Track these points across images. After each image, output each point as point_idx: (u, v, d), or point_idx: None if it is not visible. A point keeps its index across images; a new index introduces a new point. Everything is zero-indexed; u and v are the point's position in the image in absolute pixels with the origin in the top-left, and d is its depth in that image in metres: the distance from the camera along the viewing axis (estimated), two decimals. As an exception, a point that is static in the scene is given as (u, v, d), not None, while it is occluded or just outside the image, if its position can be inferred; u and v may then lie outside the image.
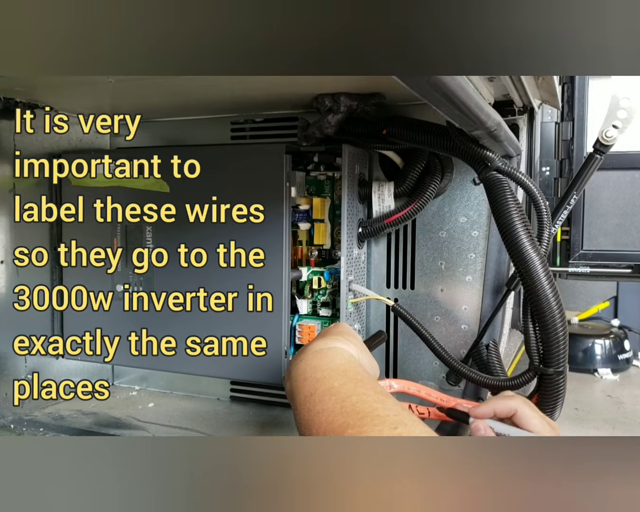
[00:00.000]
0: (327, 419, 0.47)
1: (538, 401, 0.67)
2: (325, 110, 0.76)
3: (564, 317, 0.63)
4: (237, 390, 0.97)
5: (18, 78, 0.71)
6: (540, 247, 0.67)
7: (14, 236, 0.87)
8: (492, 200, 0.65)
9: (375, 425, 0.44)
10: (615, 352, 1.15)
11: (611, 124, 0.72)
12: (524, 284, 0.63)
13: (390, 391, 0.66)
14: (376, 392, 0.49)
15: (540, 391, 0.66)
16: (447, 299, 0.84)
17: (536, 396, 0.67)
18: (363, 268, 0.85)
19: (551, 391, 0.66)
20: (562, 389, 0.66)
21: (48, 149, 0.91)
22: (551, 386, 0.65)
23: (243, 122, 0.94)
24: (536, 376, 0.67)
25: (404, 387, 0.67)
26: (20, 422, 0.86)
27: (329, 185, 0.83)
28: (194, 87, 0.75)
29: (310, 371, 0.54)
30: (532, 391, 0.68)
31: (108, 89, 0.75)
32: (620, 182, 0.99)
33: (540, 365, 0.65)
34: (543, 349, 0.65)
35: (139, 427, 0.86)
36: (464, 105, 0.49)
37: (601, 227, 1.01)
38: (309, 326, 0.82)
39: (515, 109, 0.80)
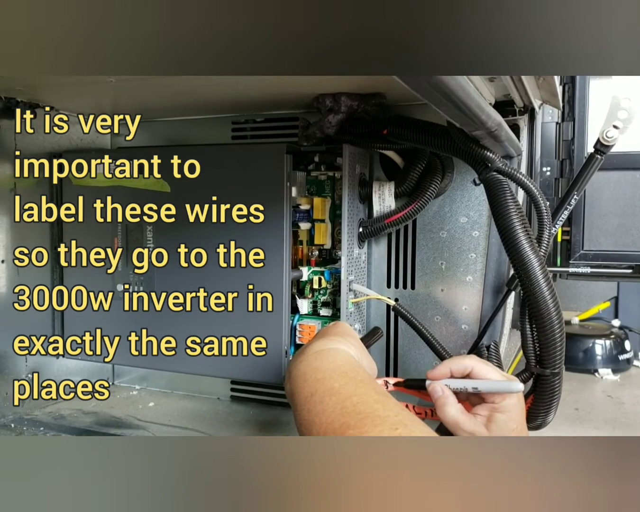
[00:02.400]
0: (327, 420, 0.47)
1: (533, 401, 0.67)
2: (326, 110, 0.76)
3: (561, 318, 0.63)
4: (238, 390, 0.97)
5: (19, 78, 0.71)
6: (540, 248, 0.67)
7: (14, 236, 0.87)
8: (492, 201, 0.65)
9: (375, 426, 0.44)
10: (615, 352, 1.15)
11: (612, 124, 0.72)
12: (522, 285, 0.63)
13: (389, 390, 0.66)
14: (377, 393, 0.49)
15: (536, 392, 0.66)
16: (448, 299, 0.84)
17: (532, 397, 0.67)
18: (363, 268, 0.85)
19: (547, 392, 0.65)
20: (558, 391, 0.66)
21: (49, 149, 0.91)
22: (547, 387, 0.65)
23: (244, 122, 0.94)
24: (532, 376, 0.67)
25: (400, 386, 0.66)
26: (21, 422, 0.86)
27: (329, 185, 0.83)
28: (194, 86, 0.75)
29: (311, 372, 0.54)
30: (527, 391, 0.68)
31: (109, 89, 0.75)
32: (621, 182, 0.99)
33: (536, 366, 0.65)
34: (540, 350, 0.65)
35: (139, 426, 0.86)
36: (464, 105, 0.49)
37: (602, 227, 1.01)
38: (309, 325, 0.81)
39: (516, 109, 0.80)
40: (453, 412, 0.57)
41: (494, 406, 0.58)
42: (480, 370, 0.59)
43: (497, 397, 0.58)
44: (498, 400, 0.58)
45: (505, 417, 0.57)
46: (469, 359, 0.60)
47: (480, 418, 0.58)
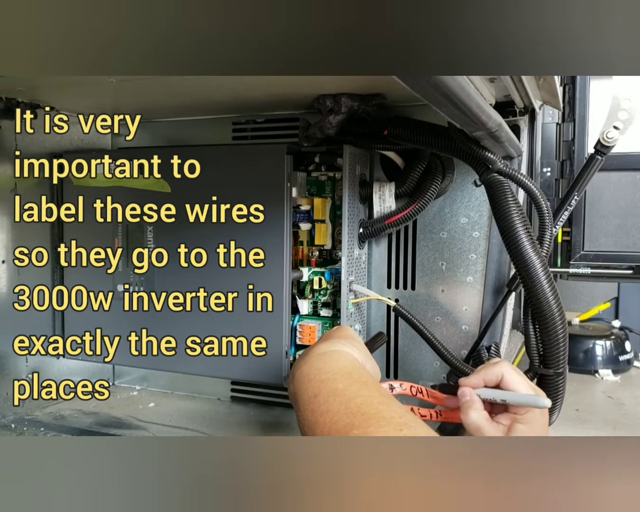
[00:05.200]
0: (331, 420, 0.47)
1: None
2: (326, 111, 0.77)
3: (564, 318, 0.63)
4: (238, 390, 0.97)
5: (19, 78, 0.71)
6: (542, 248, 0.67)
7: (14, 236, 0.87)
8: (493, 203, 0.65)
9: (380, 426, 0.44)
10: (616, 353, 1.15)
11: (612, 125, 0.72)
12: (525, 285, 0.63)
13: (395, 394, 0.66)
14: (380, 394, 0.49)
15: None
16: (448, 299, 0.84)
17: None
18: (364, 268, 0.85)
19: (551, 392, 0.66)
20: (562, 390, 0.66)
21: (49, 149, 0.91)
22: (551, 387, 0.66)
23: (244, 122, 0.94)
24: (536, 376, 0.67)
25: (405, 389, 0.67)
26: (21, 422, 0.86)
27: (330, 185, 0.83)
28: (195, 87, 0.75)
29: (315, 373, 0.53)
30: None
31: (109, 89, 0.75)
32: (622, 183, 0.99)
33: (540, 366, 0.66)
34: (543, 350, 0.65)
35: (139, 427, 0.86)
36: (464, 105, 0.49)
37: (602, 228, 1.01)
38: (309, 326, 0.81)
39: (517, 110, 0.80)
40: (476, 416, 0.57)
41: (517, 417, 0.57)
42: (511, 379, 0.58)
43: (521, 409, 0.57)
44: (522, 411, 0.57)
45: (526, 428, 0.57)
46: (501, 366, 0.59)
47: (502, 427, 0.58)
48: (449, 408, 0.64)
